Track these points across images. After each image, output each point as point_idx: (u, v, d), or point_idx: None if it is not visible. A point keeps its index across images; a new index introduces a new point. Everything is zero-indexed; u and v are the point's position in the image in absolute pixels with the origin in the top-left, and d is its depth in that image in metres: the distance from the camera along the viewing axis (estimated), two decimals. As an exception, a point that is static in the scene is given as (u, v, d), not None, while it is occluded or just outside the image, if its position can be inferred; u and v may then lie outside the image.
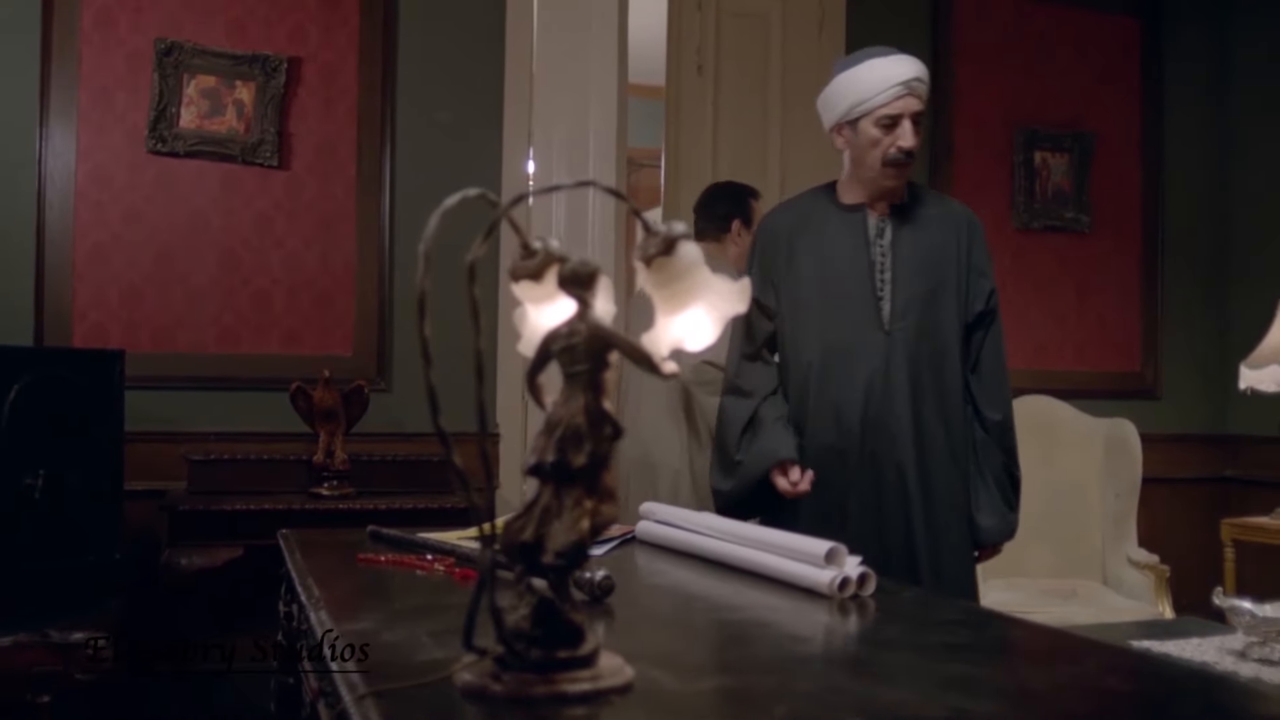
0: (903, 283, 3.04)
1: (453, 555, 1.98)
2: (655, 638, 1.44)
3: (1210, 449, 5.88)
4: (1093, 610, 4.41)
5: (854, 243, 3.09)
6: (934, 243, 3.08)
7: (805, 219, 3.19)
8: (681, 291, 1.22)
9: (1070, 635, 1.47)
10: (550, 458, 1.17)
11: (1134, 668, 1.37)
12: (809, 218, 3.18)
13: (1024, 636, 1.53)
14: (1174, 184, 5.90)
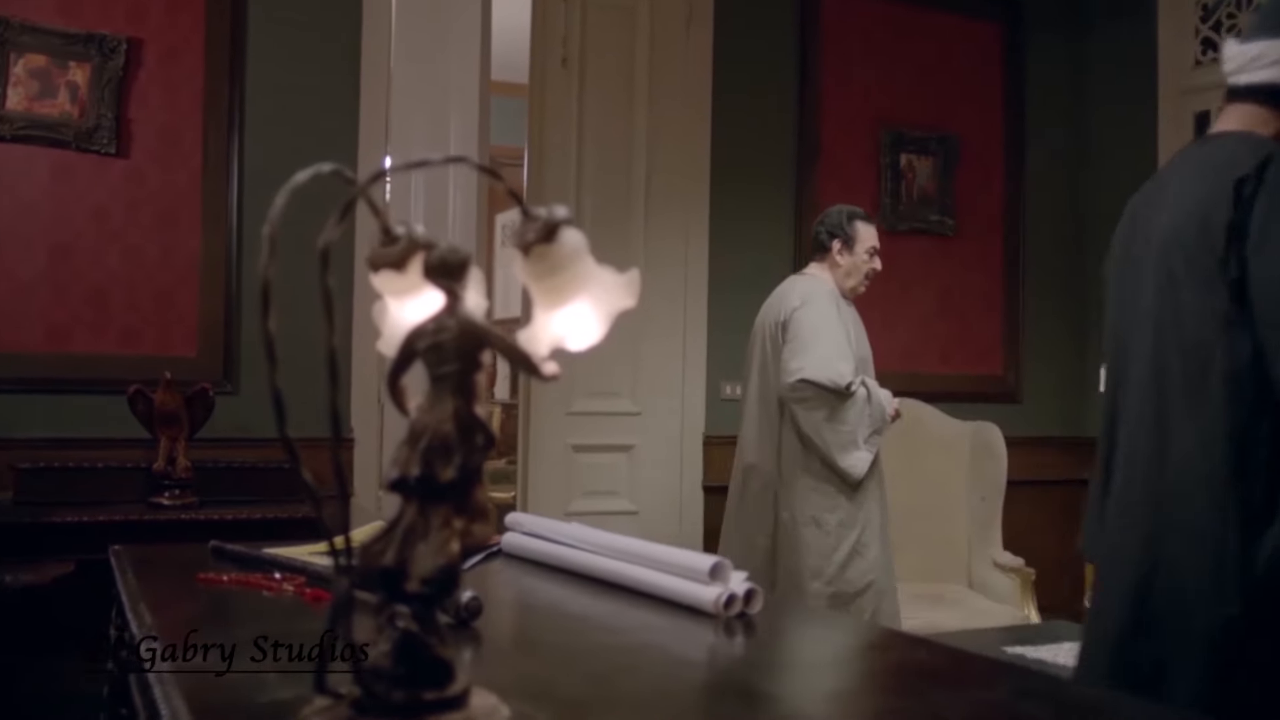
0: None
1: (303, 574, 1.81)
2: (530, 667, 1.30)
3: (1069, 451, 5.95)
4: (960, 614, 4.40)
5: None
6: None
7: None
8: (563, 284, 1.09)
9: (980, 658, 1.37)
10: (415, 471, 1.02)
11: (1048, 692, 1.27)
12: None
13: (929, 659, 1.43)
14: (1035, 187, 5.97)
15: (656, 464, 5.21)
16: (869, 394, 4.12)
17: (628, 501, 5.16)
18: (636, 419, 5.20)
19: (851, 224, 4.32)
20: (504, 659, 1.33)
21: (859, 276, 4.31)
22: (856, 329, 4.29)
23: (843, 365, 4.09)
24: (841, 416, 4.08)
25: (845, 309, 4.28)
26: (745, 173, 5.33)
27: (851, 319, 4.29)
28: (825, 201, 5.46)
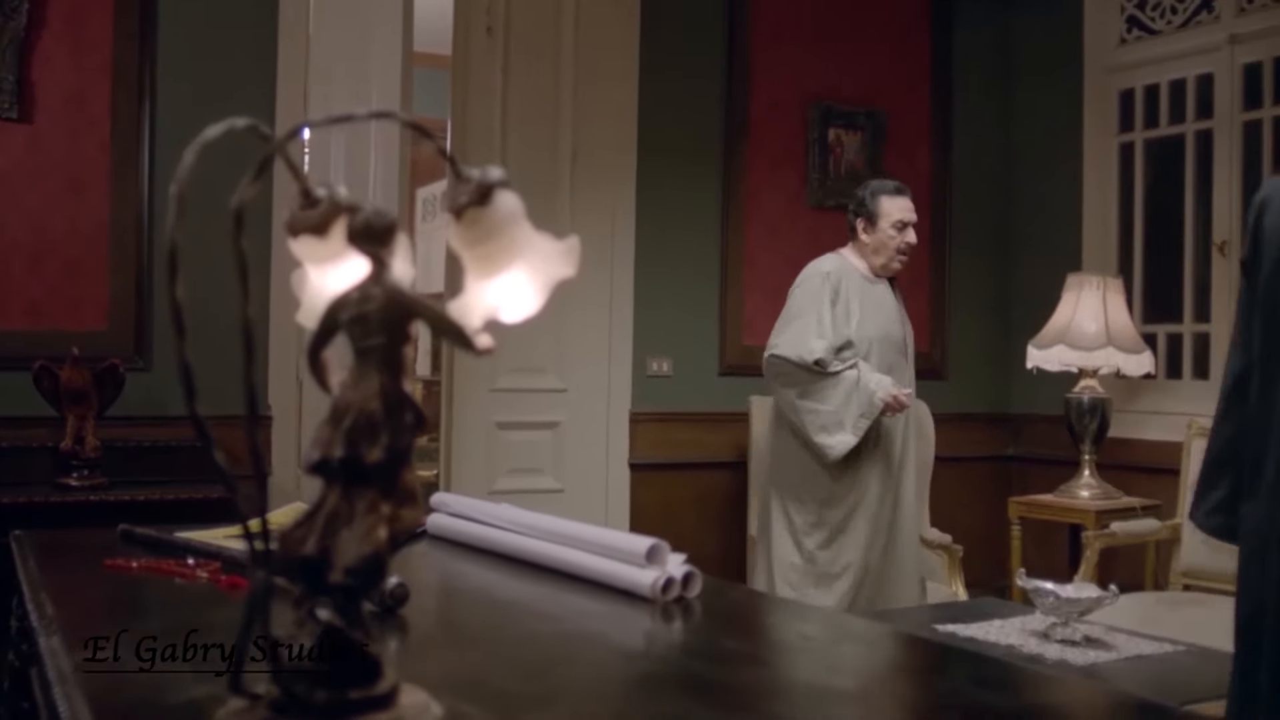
0: None
1: (219, 559, 1.72)
2: (461, 659, 1.22)
3: (994, 428, 5.98)
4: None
5: None
6: None
7: None
8: (498, 251, 1.01)
9: (928, 642, 1.32)
10: (338, 452, 0.94)
11: (1004, 678, 1.23)
12: None
13: (878, 644, 1.38)
14: (961, 164, 5.97)
15: (582, 441, 5.14)
16: (858, 377, 4.07)
17: (553, 480, 5.09)
18: (562, 395, 5.12)
19: (875, 199, 4.23)
20: (433, 650, 1.25)
21: (888, 252, 4.22)
22: (880, 308, 4.21)
23: (815, 343, 4.09)
24: (820, 395, 4.09)
25: (869, 288, 4.21)
26: (673, 146, 5.26)
27: (876, 299, 4.21)
28: (753, 176, 5.42)
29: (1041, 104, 5.97)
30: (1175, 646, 3.06)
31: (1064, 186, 5.81)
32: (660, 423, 5.26)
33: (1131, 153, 5.61)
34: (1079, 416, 4.87)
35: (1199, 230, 5.32)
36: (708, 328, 5.38)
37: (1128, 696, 1.34)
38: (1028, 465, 5.88)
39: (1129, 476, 5.05)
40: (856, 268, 4.26)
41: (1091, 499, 4.80)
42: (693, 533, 5.13)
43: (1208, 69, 5.26)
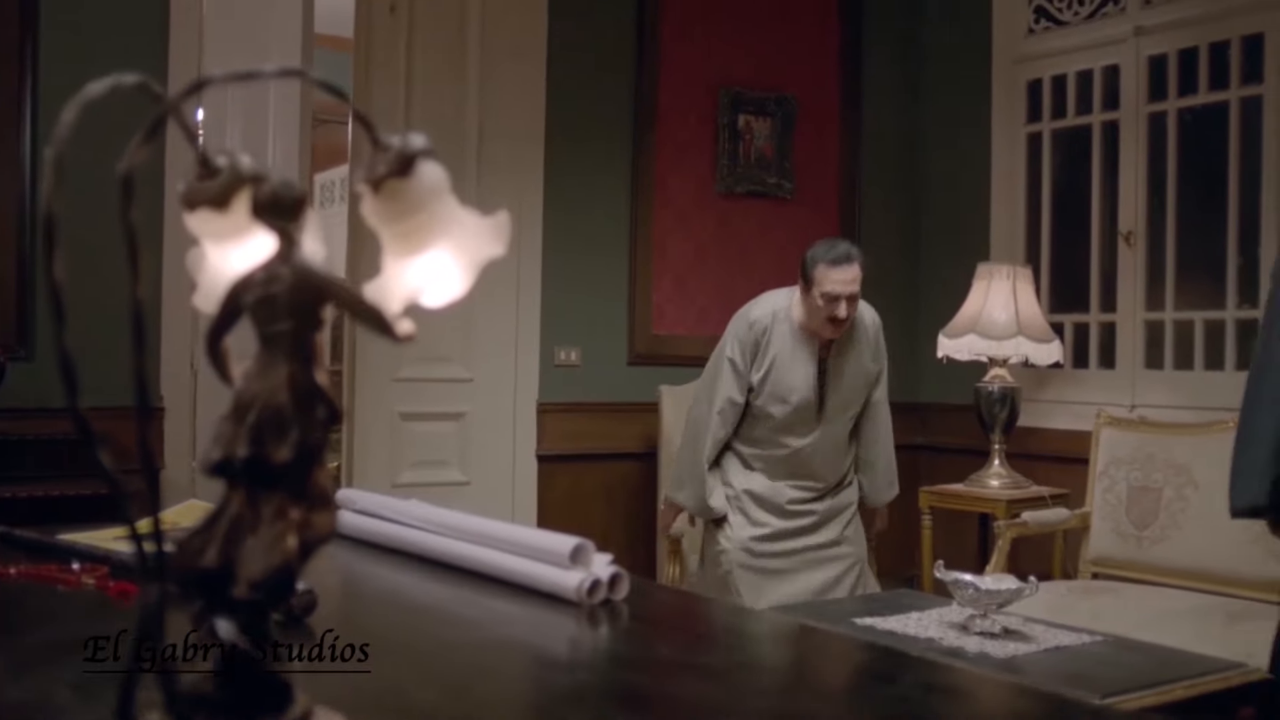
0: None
1: (107, 563, 1.59)
2: (378, 674, 1.12)
3: (902, 416, 5.96)
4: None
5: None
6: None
7: None
8: (420, 227, 0.92)
9: (875, 646, 1.25)
10: (242, 451, 0.84)
11: (956, 685, 1.16)
12: None
13: (819, 648, 1.30)
14: (870, 151, 5.95)
15: (489, 433, 5.03)
16: (705, 495, 4.17)
17: (458, 472, 4.97)
18: (468, 386, 5.00)
19: (813, 265, 4.07)
20: (347, 664, 1.15)
21: (818, 320, 4.07)
22: (794, 368, 4.14)
23: (699, 408, 4.26)
24: (679, 465, 4.32)
25: (795, 345, 4.15)
26: (581, 131, 5.16)
27: (797, 357, 4.14)
28: (662, 162, 5.34)
29: (950, 93, 5.98)
30: (1092, 637, 3.05)
31: (972, 176, 5.82)
32: (568, 413, 5.16)
33: (1039, 143, 5.64)
34: (989, 406, 4.88)
35: (1105, 221, 5.36)
36: (616, 317, 5.30)
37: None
38: (936, 454, 5.89)
39: (1037, 466, 5.07)
40: (794, 318, 4.18)
41: (1002, 488, 4.81)
42: (600, 525, 5.06)
43: (1114, 60, 5.30)
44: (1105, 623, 3.44)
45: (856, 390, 4.27)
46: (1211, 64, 4.95)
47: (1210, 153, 4.97)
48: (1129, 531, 4.35)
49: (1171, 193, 5.07)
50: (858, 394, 4.28)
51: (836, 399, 4.19)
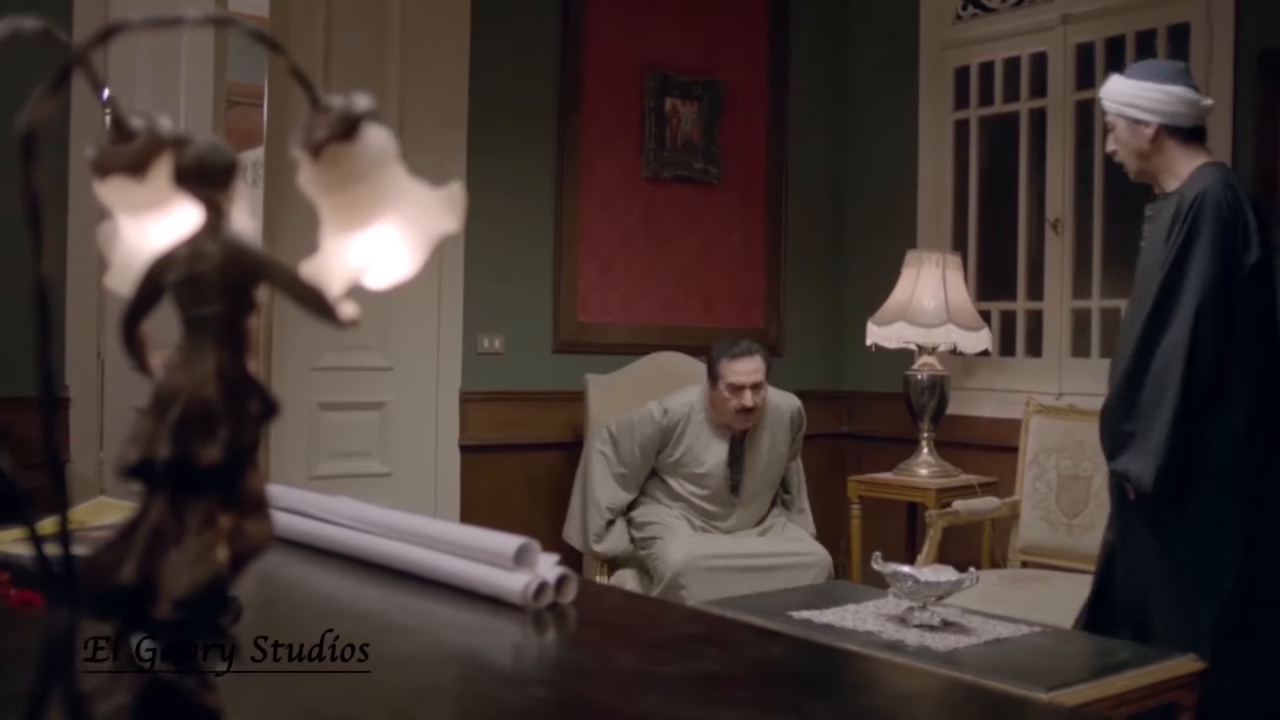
0: None
1: (8, 569, 1.47)
2: (317, 694, 1.02)
3: (829, 405, 5.94)
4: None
5: None
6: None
7: None
8: (364, 198, 0.82)
9: (839, 651, 1.17)
10: (164, 451, 0.74)
11: (943, 694, 1.09)
12: None
13: (784, 655, 1.22)
14: (797, 138, 5.89)
15: (410, 423, 4.89)
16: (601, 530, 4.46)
17: (379, 463, 4.83)
18: (388, 374, 4.86)
19: (717, 361, 4.35)
20: (280, 683, 1.04)
21: (727, 413, 4.33)
22: (706, 458, 4.39)
23: (606, 503, 4.48)
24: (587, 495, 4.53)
25: (708, 437, 4.40)
26: (504, 114, 5.04)
27: (710, 449, 4.39)
28: (587, 146, 5.24)
29: (877, 79, 5.94)
30: (1030, 628, 3.01)
31: (899, 163, 5.79)
32: (492, 402, 5.05)
33: (966, 130, 5.63)
34: (918, 394, 4.85)
35: (1033, 208, 5.36)
36: (541, 304, 5.19)
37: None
38: (862, 443, 5.86)
39: (964, 454, 5.06)
40: (707, 412, 4.44)
41: (931, 477, 4.79)
42: (524, 517, 4.96)
43: (1041, 48, 5.30)
44: (1041, 612, 3.42)
45: (773, 473, 4.54)
46: (1138, 53, 4.95)
47: (1137, 141, 4.97)
48: (1059, 519, 4.35)
49: (1099, 181, 5.07)
50: (774, 476, 4.55)
51: (751, 485, 4.46)
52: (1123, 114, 3.23)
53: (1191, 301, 3.05)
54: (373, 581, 1.49)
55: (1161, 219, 3.19)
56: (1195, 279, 3.06)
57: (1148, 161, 3.25)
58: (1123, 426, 3.14)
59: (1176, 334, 3.06)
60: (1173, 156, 3.22)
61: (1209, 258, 3.06)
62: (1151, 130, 3.19)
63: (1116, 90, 3.25)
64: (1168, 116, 3.17)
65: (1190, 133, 3.22)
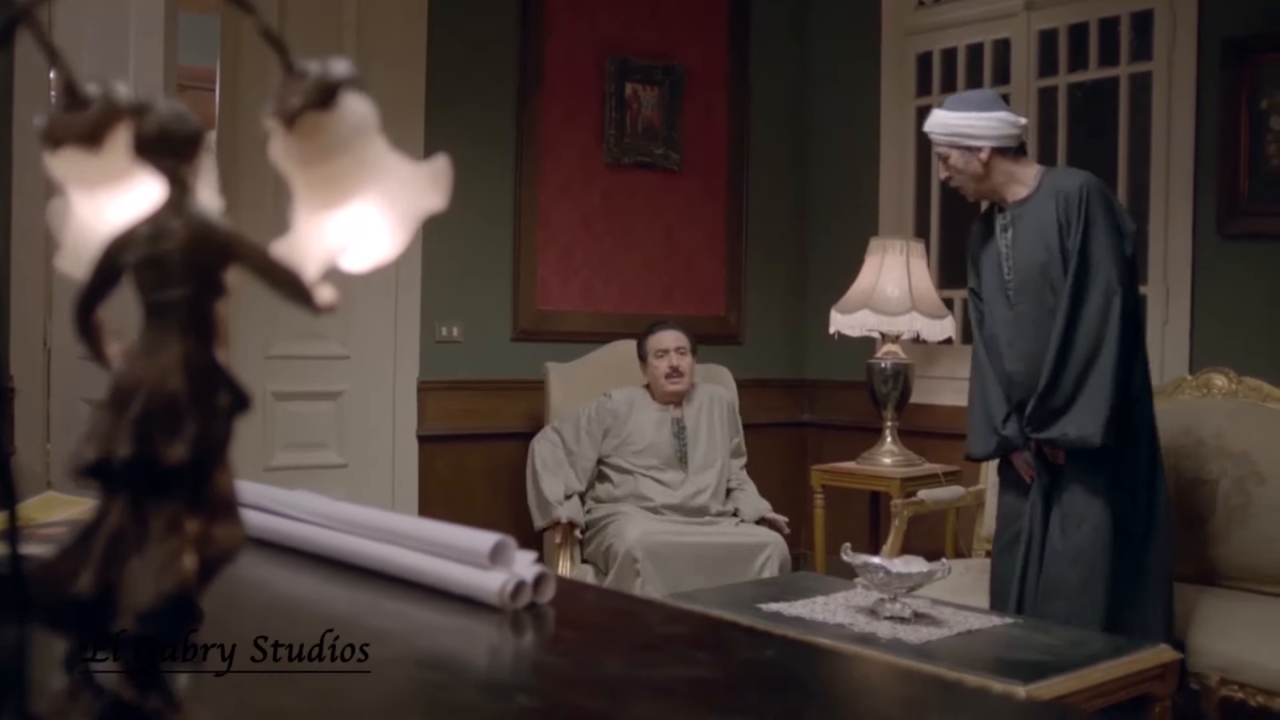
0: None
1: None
2: (286, 708, 0.95)
3: (791, 393, 5.90)
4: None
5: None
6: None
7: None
8: (342, 173, 0.75)
9: (851, 656, 1.11)
10: (124, 449, 0.67)
11: (962, 702, 1.03)
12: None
13: (776, 657, 1.16)
14: (758, 124, 5.84)
15: (367, 413, 4.80)
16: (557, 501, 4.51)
17: (335, 454, 4.74)
18: (345, 363, 4.77)
19: (643, 342, 4.73)
20: (246, 695, 0.97)
21: (658, 381, 4.65)
22: (650, 432, 4.62)
23: (557, 492, 4.54)
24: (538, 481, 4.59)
25: (650, 414, 4.65)
26: (463, 98, 4.95)
27: (652, 422, 4.64)
28: (547, 130, 5.16)
29: (839, 65, 5.90)
30: (1001, 619, 2.98)
31: (861, 149, 5.75)
32: (450, 392, 4.97)
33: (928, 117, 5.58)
34: (882, 383, 4.81)
35: (995, 196, 5.32)
36: (500, 291, 5.11)
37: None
38: (824, 432, 5.83)
39: (927, 442, 5.03)
40: (647, 398, 4.72)
41: (895, 466, 4.75)
42: (484, 508, 4.90)
43: (1004, 34, 5.27)
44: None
45: (717, 451, 4.71)
46: (1101, 40, 4.93)
47: (1100, 128, 4.97)
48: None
49: (1062, 168, 5.06)
50: (719, 455, 4.71)
51: (697, 457, 4.64)
52: (955, 144, 3.49)
53: (1107, 274, 3.38)
54: (338, 581, 1.42)
55: (1034, 218, 3.46)
56: (1105, 257, 3.38)
57: (985, 182, 3.51)
58: (1051, 404, 3.39)
59: (1098, 303, 3.37)
60: (1009, 172, 3.50)
61: (1110, 240, 3.40)
62: (986, 154, 3.45)
63: (944, 123, 3.51)
64: (997, 140, 3.44)
65: (1018, 150, 3.52)
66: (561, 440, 4.61)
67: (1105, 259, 3.37)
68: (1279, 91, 4.31)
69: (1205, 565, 3.80)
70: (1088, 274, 3.38)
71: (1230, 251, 4.48)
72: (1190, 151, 4.57)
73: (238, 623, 1.27)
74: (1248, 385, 3.93)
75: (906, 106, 5.63)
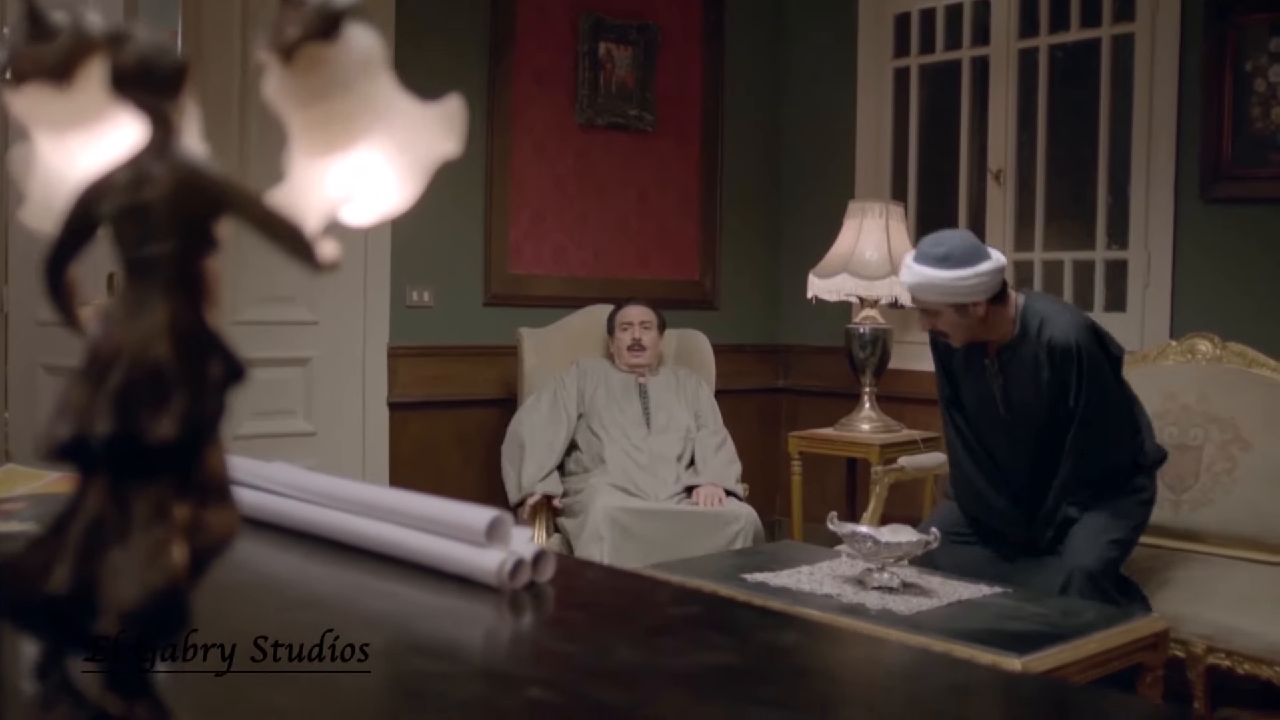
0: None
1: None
2: (275, 704, 0.87)
3: (765, 359, 5.84)
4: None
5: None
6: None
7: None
8: (345, 113, 0.68)
9: (876, 639, 1.05)
10: (103, 426, 0.59)
11: (989, 684, 0.97)
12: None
13: (806, 643, 1.10)
14: (734, 86, 5.75)
15: (336, 379, 4.70)
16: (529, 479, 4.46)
17: (304, 422, 4.63)
18: (313, 329, 4.66)
19: (612, 317, 4.83)
20: (234, 688, 0.89)
21: (621, 353, 4.73)
22: (619, 401, 4.63)
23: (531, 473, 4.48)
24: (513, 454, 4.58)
25: (616, 387, 4.65)
26: (432, 56, 4.83)
27: (617, 394, 4.65)
28: (519, 90, 5.04)
29: (816, 25, 5.80)
30: (991, 589, 2.93)
31: (838, 111, 5.67)
32: (421, 358, 4.88)
33: (906, 78, 5.51)
34: (860, 348, 4.75)
35: (974, 159, 5.27)
36: (471, 255, 5.01)
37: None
38: (799, 398, 5.77)
39: (904, 408, 4.98)
40: (613, 367, 4.77)
41: (873, 432, 4.70)
42: (457, 476, 4.82)
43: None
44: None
45: (681, 416, 4.67)
46: (1083, 1, 4.86)
47: (1081, 91, 4.90)
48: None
49: (1042, 131, 4.99)
50: (683, 420, 4.66)
51: (661, 418, 4.63)
52: (950, 303, 3.34)
53: (1112, 421, 3.38)
54: (321, 560, 1.34)
55: (1025, 365, 3.40)
56: (1107, 408, 3.35)
57: (977, 331, 3.40)
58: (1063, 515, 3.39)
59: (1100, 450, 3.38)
60: (997, 315, 3.38)
61: (1110, 392, 3.36)
62: (982, 308, 3.33)
63: (935, 285, 3.31)
64: (990, 290, 3.32)
65: (1003, 291, 3.39)
66: (543, 405, 4.56)
67: (1107, 409, 3.35)
68: (1263, 53, 4.26)
69: (1190, 532, 3.77)
70: (1092, 425, 3.34)
71: (1213, 215, 4.44)
72: (1173, 114, 4.51)
73: (218, 610, 1.19)
74: (1232, 350, 3.89)
75: (884, 68, 5.55)
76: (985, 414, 3.52)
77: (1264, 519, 3.66)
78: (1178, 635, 3.19)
